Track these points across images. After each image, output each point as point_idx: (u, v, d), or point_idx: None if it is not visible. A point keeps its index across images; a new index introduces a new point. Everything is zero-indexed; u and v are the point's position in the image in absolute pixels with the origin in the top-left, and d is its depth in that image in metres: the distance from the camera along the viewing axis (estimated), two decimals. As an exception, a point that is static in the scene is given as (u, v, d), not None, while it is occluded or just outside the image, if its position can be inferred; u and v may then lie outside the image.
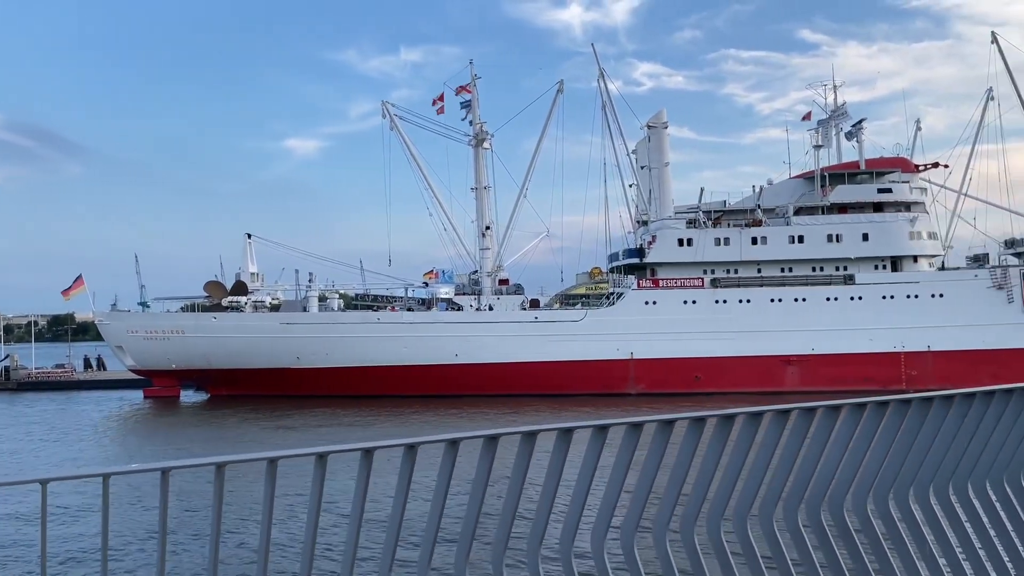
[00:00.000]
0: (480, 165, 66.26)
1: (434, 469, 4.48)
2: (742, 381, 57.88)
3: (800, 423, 5.00)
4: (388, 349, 60.36)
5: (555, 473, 4.55)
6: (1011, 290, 58.46)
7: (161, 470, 3.78)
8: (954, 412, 5.42)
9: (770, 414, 4.78)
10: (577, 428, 4.48)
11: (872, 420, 5.21)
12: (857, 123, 68.03)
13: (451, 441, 4.36)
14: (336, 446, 4.14)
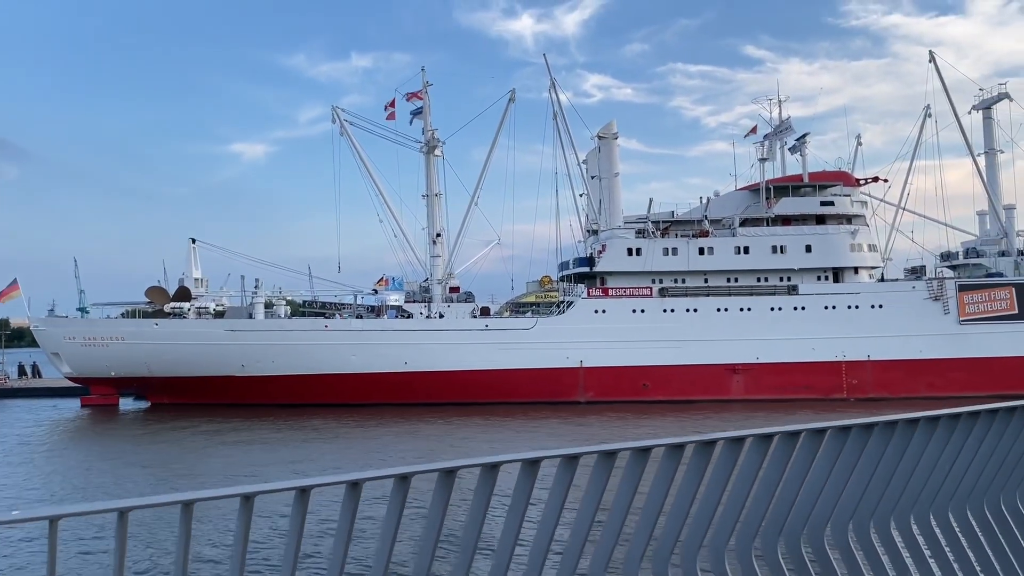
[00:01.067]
0: (431, 172, 66.05)
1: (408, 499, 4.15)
2: (689, 389, 58.69)
3: (780, 448, 4.78)
4: (336, 357, 59.63)
5: (557, 504, 4.22)
6: (947, 302, 60.36)
7: (183, 503, 3.49)
8: (938, 434, 5.27)
9: (751, 439, 4.58)
10: (584, 454, 4.13)
11: (856, 444, 5.01)
12: (801, 137, 69.73)
13: (447, 471, 3.97)
14: (320, 479, 3.77)
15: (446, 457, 33.86)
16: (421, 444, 42.53)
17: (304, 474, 31.91)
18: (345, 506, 3.86)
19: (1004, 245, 64.96)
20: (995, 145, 66.45)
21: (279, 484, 3.72)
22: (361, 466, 35.05)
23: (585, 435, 44.70)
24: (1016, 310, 59.67)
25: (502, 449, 38.97)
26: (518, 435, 45.22)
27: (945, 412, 5.30)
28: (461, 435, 45.75)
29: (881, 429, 5.10)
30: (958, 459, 5.43)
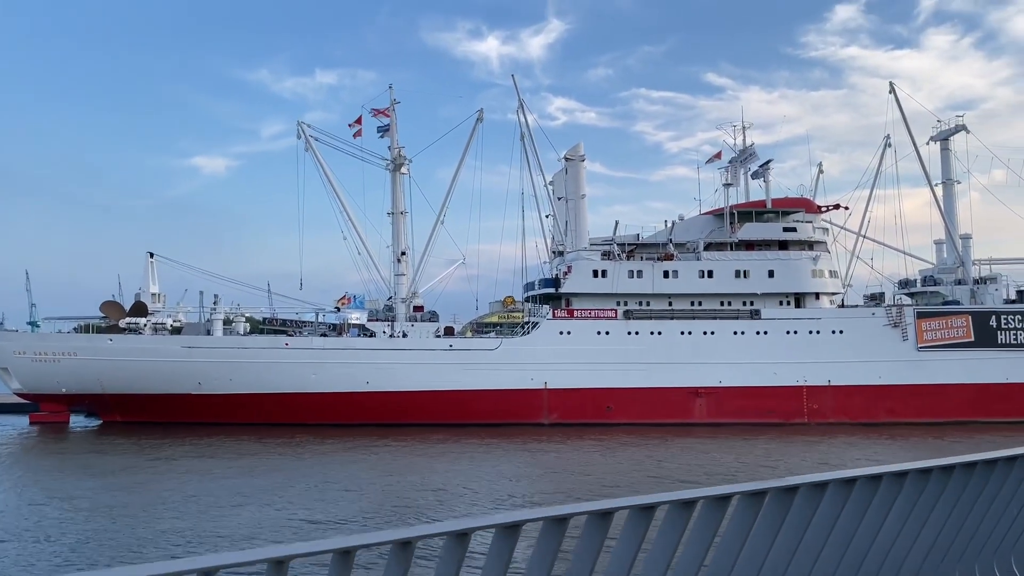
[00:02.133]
0: (397, 190, 65.50)
1: None
2: (652, 412, 58.59)
3: (833, 497, 4.42)
4: (296, 375, 58.53)
5: (588, 564, 3.78)
6: (905, 328, 61.21)
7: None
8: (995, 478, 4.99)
9: (805, 488, 4.16)
10: (619, 510, 3.72)
11: (912, 491, 4.67)
12: (764, 164, 70.56)
13: (459, 533, 3.48)
14: (300, 547, 3.22)
15: (415, 493, 33.24)
16: (382, 470, 41.70)
17: (272, 505, 31.03)
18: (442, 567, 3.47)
19: (960, 274, 66.17)
20: (952, 176, 67.85)
21: (314, 546, 3.24)
22: (324, 493, 34.20)
23: (555, 462, 44.26)
24: (972, 338, 60.72)
25: (473, 476, 38.37)
26: (485, 457, 44.62)
27: (1004, 454, 4.95)
28: (424, 459, 45.00)
29: (937, 475, 4.77)
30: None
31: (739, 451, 45.77)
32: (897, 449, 47.71)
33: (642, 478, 36.46)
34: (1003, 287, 64.83)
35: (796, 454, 45.46)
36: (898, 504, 4.76)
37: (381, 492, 33.78)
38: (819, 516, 4.46)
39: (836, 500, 4.49)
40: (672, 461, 42.09)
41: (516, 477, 38.16)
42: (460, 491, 33.64)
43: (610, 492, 32.57)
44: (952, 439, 50.86)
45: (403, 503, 30.92)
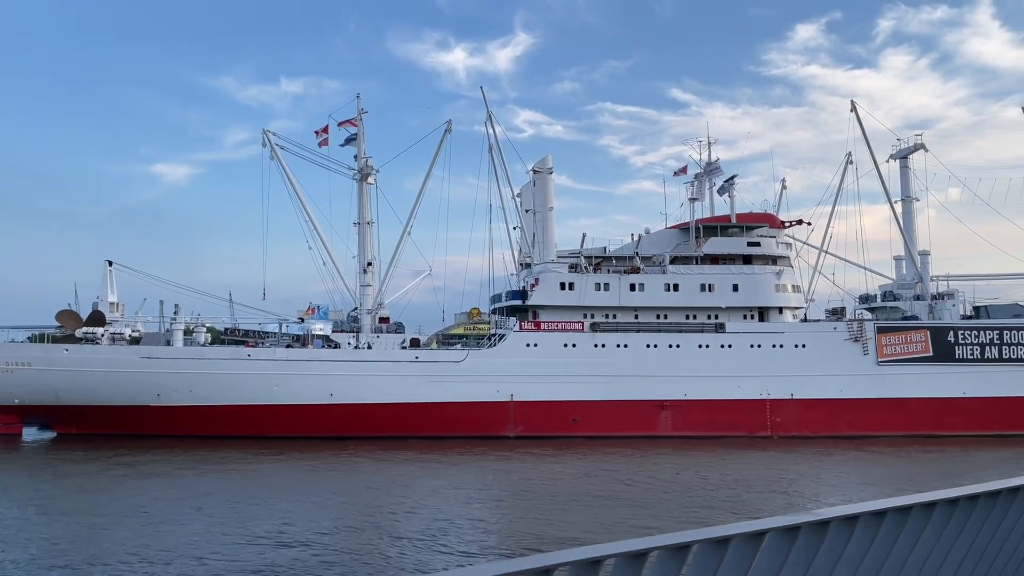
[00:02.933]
0: (364, 200, 64.97)
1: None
2: (618, 425, 58.67)
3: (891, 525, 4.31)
4: (259, 387, 57.55)
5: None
6: (866, 343, 62.16)
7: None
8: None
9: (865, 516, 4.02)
10: (652, 550, 3.51)
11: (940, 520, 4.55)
12: (729, 179, 71.34)
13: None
14: None
15: (380, 508, 32.74)
16: (345, 483, 41.13)
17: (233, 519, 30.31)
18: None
19: (919, 289, 67.49)
20: (911, 193, 69.30)
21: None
22: (281, 508, 33.54)
23: (519, 479, 44.05)
24: (931, 352, 61.86)
25: (437, 491, 37.96)
26: (449, 471, 44.26)
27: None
28: (389, 471, 44.50)
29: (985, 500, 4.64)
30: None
31: (703, 464, 46.00)
32: (862, 464, 48.34)
33: (601, 499, 36.39)
34: (960, 303, 66.22)
35: (757, 468, 45.79)
36: (927, 535, 4.67)
37: (343, 507, 33.22)
38: (850, 549, 4.35)
39: (867, 533, 4.40)
40: (639, 476, 42.12)
41: (481, 498, 37.85)
42: (420, 508, 33.24)
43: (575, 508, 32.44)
44: (915, 453, 51.70)
45: (366, 520, 30.33)
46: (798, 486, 39.65)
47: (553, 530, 28.26)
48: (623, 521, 29.64)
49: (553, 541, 26.32)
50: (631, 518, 30.24)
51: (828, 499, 34.92)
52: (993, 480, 5.26)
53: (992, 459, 48.69)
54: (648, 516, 30.72)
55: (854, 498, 34.81)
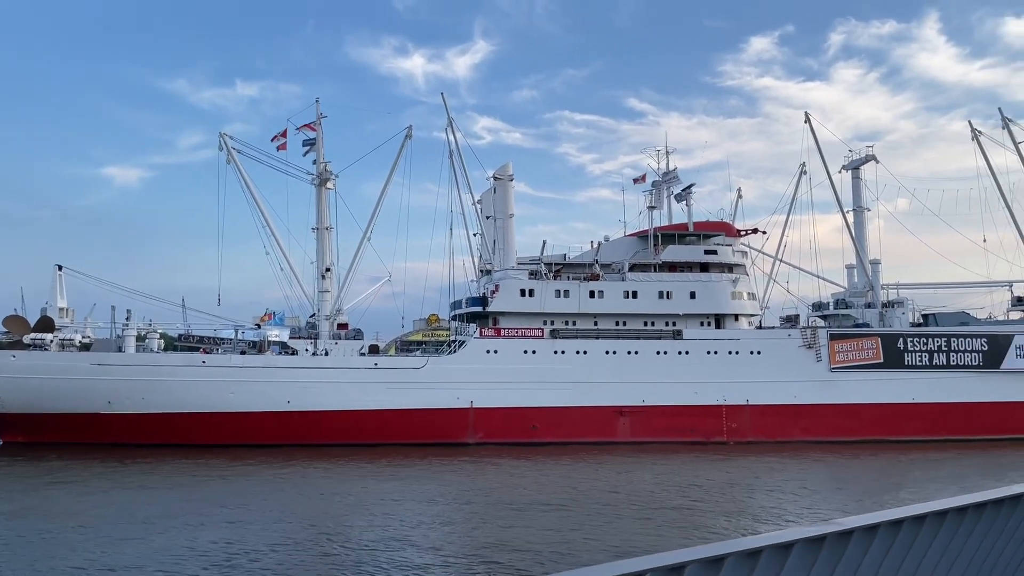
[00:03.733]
0: (323, 205, 64.35)
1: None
2: (577, 431, 58.93)
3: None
4: (214, 394, 56.56)
5: None
6: (819, 350, 63.37)
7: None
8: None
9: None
10: (688, 564, 3.46)
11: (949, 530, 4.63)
12: (686, 188, 72.38)
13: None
14: None
15: (335, 517, 32.30)
16: (300, 492, 40.61)
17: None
18: None
19: (870, 297, 69.05)
20: (863, 203, 70.98)
21: None
22: (234, 518, 32.97)
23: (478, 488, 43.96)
24: (882, 359, 63.29)
25: (397, 499, 37.66)
26: (413, 476, 43.99)
27: None
28: (344, 479, 44.07)
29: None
30: None
31: (657, 471, 46.41)
32: (811, 470, 49.24)
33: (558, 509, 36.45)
34: (909, 311, 67.91)
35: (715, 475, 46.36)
36: (938, 542, 4.79)
37: (295, 516, 32.69)
38: (869, 558, 4.44)
39: (886, 540, 4.50)
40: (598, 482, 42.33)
41: (437, 505, 37.67)
42: (373, 517, 32.97)
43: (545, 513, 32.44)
44: (864, 458, 52.84)
45: (318, 531, 29.78)
46: (749, 492, 40.22)
47: (511, 537, 28.25)
48: (579, 527, 29.78)
49: (512, 550, 26.32)
50: (584, 525, 30.38)
51: (777, 505, 35.48)
52: (936, 486, 5.45)
53: (938, 464, 49.97)
54: (603, 523, 30.89)
55: (804, 506, 35.47)
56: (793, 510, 33.62)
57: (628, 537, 28.13)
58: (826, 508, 34.44)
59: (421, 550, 26.55)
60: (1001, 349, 63.64)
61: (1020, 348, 63.54)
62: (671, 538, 27.92)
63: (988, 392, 62.94)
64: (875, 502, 35.57)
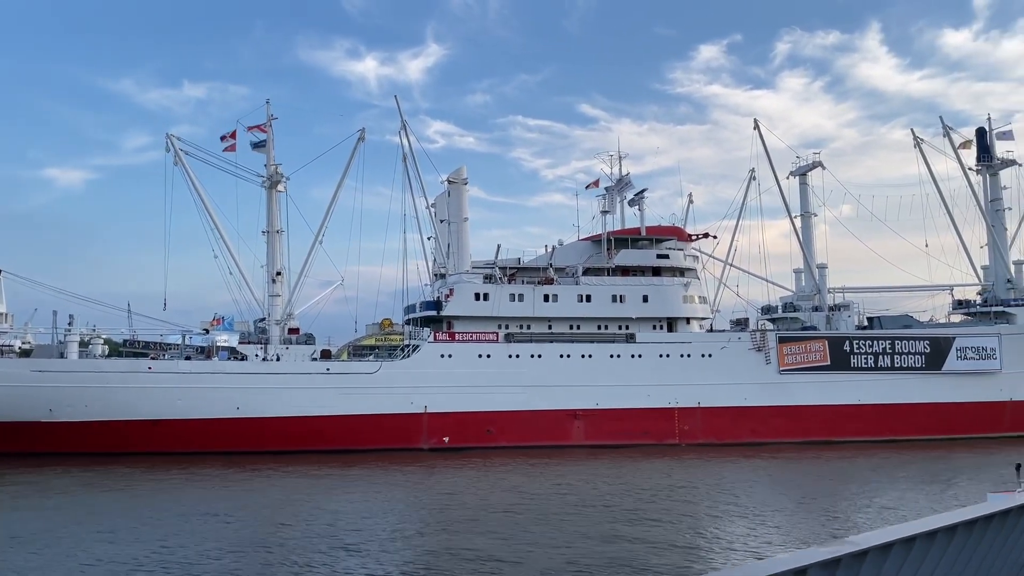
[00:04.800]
0: (273, 208, 63.33)
1: None
2: (532, 435, 58.99)
3: None
4: (160, 401, 55.19)
5: None
6: (768, 352, 64.47)
7: None
8: None
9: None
10: None
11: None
12: (639, 193, 73.04)
13: None
14: None
15: (281, 527, 31.68)
16: (245, 501, 39.83)
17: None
18: None
19: (817, 301, 70.51)
20: (810, 209, 72.50)
21: None
22: (178, 528, 32.15)
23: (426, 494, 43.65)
24: (828, 361, 64.65)
25: (346, 507, 37.14)
26: (364, 483, 43.47)
27: None
28: (293, 487, 43.36)
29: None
30: None
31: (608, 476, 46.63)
32: (748, 470, 50.01)
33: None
34: (855, 314, 69.52)
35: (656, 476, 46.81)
36: (948, 556, 4.80)
37: (239, 525, 31.95)
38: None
39: (898, 558, 4.50)
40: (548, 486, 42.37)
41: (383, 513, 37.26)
42: (321, 525, 32.48)
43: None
44: (808, 459, 53.88)
45: (260, 542, 28.96)
46: (700, 494, 40.66)
47: (460, 543, 28.07)
48: (529, 529, 29.74)
49: (464, 559, 26.15)
50: (535, 527, 30.36)
51: (721, 506, 35.92)
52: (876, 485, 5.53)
53: (878, 464, 51.17)
54: (550, 528, 30.90)
55: (749, 503, 35.98)
56: (733, 524, 34.06)
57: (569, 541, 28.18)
58: (762, 511, 34.96)
59: (366, 558, 26.16)
60: (943, 351, 65.54)
61: (961, 350, 65.54)
62: (628, 544, 28.05)
63: (930, 393, 64.73)
64: (817, 505, 36.26)
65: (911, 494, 37.64)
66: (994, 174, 73.22)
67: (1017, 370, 65.28)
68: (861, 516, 32.44)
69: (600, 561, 25.17)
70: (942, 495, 37.42)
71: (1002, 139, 72.97)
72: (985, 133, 73.49)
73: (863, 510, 33.98)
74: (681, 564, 24.83)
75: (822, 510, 34.27)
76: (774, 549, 26.85)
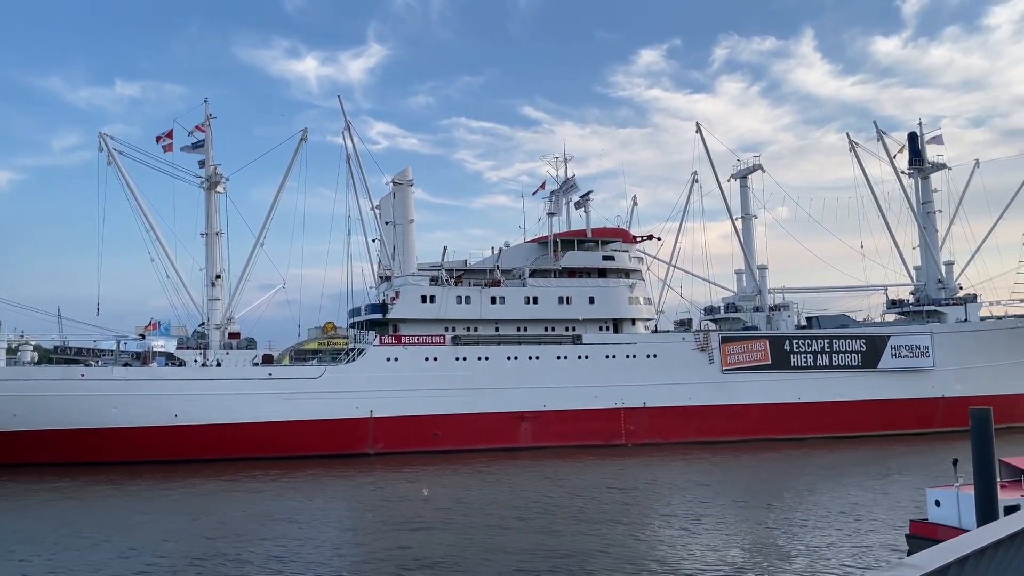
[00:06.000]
0: (212, 209, 61.67)
1: None
2: (479, 438, 58.69)
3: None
4: (94, 409, 53.23)
5: None
6: (711, 352, 65.39)
7: None
8: None
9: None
10: None
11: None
12: (585, 195, 73.34)
13: None
14: None
15: (215, 539, 30.73)
16: (182, 512, 38.62)
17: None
18: None
19: (758, 301, 71.81)
20: (750, 210, 73.83)
21: None
22: (108, 540, 30.96)
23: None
24: (770, 361, 65.88)
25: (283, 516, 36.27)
26: (307, 490, 42.55)
27: None
28: (230, 496, 42.23)
29: None
30: None
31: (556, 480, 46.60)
32: (696, 469, 50.62)
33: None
34: (794, 314, 71.04)
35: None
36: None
37: (171, 537, 30.82)
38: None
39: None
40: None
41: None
42: (258, 535, 31.66)
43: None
44: (748, 457, 54.74)
45: (191, 554, 27.91)
46: (640, 495, 40.94)
47: (404, 551, 27.64)
48: (470, 534, 29.47)
49: (404, 567, 25.74)
50: (477, 532, 30.11)
51: (670, 503, 36.21)
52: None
53: (817, 461, 52.29)
54: (494, 532, 30.68)
55: (696, 498, 36.31)
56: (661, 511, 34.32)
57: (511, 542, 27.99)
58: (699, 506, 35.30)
59: (309, 565, 25.51)
60: (878, 350, 67.36)
61: (895, 349, 67.48)
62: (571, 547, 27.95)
63: (867, 391, 66.49)
64: (757, 501, 36.78)
65: (852, 491, 38.42)
66: (925, 177, 75.68)
67: (949, 367, 67.51)
68: (799, 514, 32.93)
69: (542, 565, 25.00)
70: (883, 491, 38.29)
71: (933, 144, 75.47)
72: (916, 138, 75.91)
73: (800, 508, 34.48)
74: (621, 567, 24.81)
75: (763, 507, 34.71)
76: (713, 551, 27.05)
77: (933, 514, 24.62)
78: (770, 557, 25.23)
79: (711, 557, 25.81)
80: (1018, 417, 62.51)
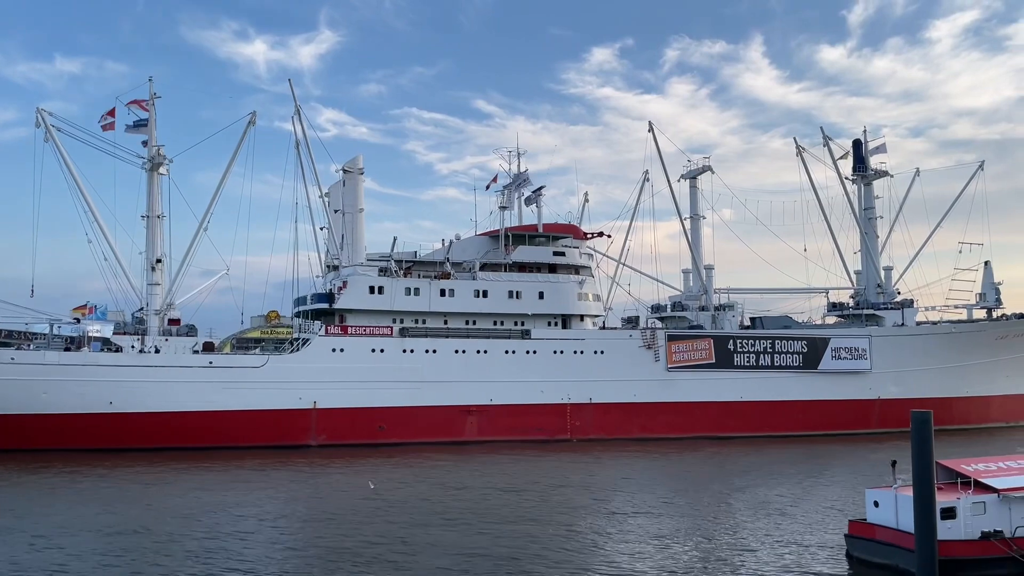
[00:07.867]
0: (154, 191, 59.82)
1: None
2: (425, 431, 58.27)
3: None
4: (25, 395, 51.33)
5: None
6: (658, 350, 65.97)
7: None
8: None
9: None
10: None
11: None
12: (537, 190, 73.30)
13: None
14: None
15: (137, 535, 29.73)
16: (104, 504, 37.40)
17: None
18: None
19: (704, 300, 72.69)
20: (699, 211, 74.63)
21: None
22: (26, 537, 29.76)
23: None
24: (714, 359, 66.75)
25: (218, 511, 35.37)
26: (243, 482, 41.59)
27: None
28: (163, 487, 41.06)
29: None
30: None
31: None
32: (642, 464, 51.04)
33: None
34: (739, 314, 72.09)
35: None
36: None
37: (108, 530, 29.75)
38: None
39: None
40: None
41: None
42: (187, 531, 30.76)
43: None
44: (688, 455, 55.40)
45: (118, 549, 26.82)
46: (579, 492, 41.06)
47: (343, 546, 27.17)
48: (410, 531, 29.16)
49: (342, 562, 25.31)
50: (416, 528, 29.81)
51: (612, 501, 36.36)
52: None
53: (758, 459, 53.17)
54: (434, 530, 30.40)
55: (637, 494, 36.51)
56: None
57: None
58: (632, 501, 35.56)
59: (244, 561, 24.82)
60: (819, 351, 68.78)
61: (835, 350, 68.98)
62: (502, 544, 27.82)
63: (807, 391, 67.86)
64: (692, 498, 37.16)
65: (790, 490, 39.03)
66: (868, 184, 77.48)
67: (885, 370, 69.28)
68: (741, 515, 33.27)
69: (480, 565, 24.80)
70: (825, 490, 38.98)
71: (876, 152, 77.29)
72: (860, 145, 77.63)
73: (738, 507, 34.86)
74: (559, 563, 24.75)
75: (703, 504, 35.02)
76: (651, 544, 27.15)
77: (872, 514, 25.08)
78: (705, 560, 25.31)
79: (640, 563, 25.86)
80: (950, 419, 64.44)
